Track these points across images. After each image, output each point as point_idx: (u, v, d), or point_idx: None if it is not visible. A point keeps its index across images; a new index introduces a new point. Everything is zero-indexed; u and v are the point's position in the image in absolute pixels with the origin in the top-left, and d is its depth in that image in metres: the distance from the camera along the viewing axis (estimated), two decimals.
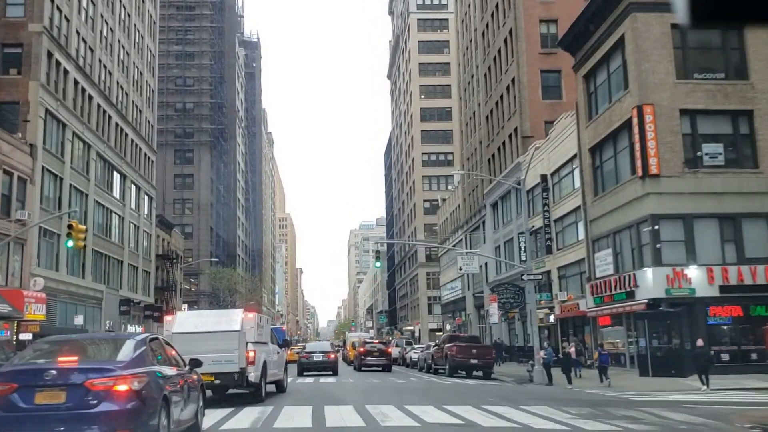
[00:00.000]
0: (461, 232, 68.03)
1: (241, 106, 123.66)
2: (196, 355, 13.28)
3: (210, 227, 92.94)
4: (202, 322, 19.55)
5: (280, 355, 24.53)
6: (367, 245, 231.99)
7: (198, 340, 17.77)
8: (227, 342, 18.19)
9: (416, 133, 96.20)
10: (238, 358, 18.07)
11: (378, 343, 44.93)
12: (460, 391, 23.33)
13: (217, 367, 17.41)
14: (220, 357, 17.65)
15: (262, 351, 19.95)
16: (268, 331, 22.92)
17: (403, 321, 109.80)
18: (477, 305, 62.61)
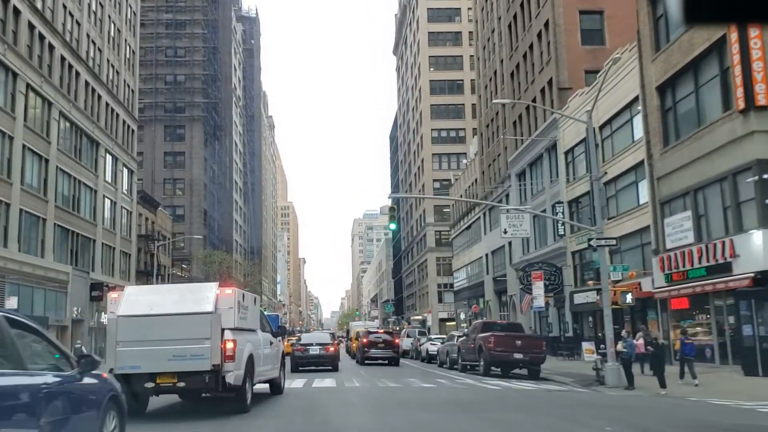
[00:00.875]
0: (478, 210, 60.41)
1: (239, 84, 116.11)
2: (152, 346, 11.40)
3: (203, 209, 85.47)
4: (161, 301, 13.64)
5: (275, 346, 18.65)
6: (371, 234, 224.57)
7: (153, 325, 12.72)
8: (194, 328, 12.76)
9: (425, 108, 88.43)
10: (210, 351, 12.58)
11: (383, 333, 38.08)
12: (530, 406, 15.44)
13: (181, 364, 12.39)
14: (184, 350, 12.47)
15: (246, 341, 14.44)
16: (256, 313, 17.02)
17: (410, 310, 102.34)
18: (498, 290, 55.06)
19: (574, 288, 37.85)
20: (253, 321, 15.98)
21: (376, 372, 28.55)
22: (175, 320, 12.68)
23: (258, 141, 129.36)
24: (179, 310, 12.88)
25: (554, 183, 41.21)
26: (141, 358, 12.20)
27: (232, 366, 12.81)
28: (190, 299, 13.44)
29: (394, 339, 37.17)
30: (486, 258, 58.15)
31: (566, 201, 38.45)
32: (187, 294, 13.99)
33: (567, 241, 38.58)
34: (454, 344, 30.66)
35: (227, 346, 12.77)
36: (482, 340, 25.02)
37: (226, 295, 13.65)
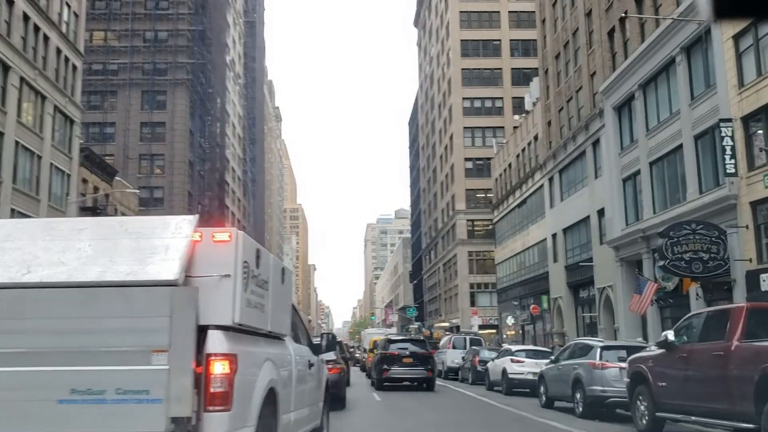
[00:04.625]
0: (540, 176, 43.88)
1: (238, 60, 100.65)
2: (17, 366, 5.07)
3: (187, 192, 69.38)
4: (55, 254, 5.42)
5: (316, 373, 9.13)
6: (385, 239, 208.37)
7: (26, 312, 5.11)
8: (131, 324, 5.05)
9: (455, 74, 72.14)
10: (167, 381, 4.91)
11: (411, 342, 24.94)
12: None
13: (88, 415, 4.92)
14: (99, 378, 4.99)
15: (261, 361, 6.17)
16: (285, 301, 7.40)
17: (433, 316, 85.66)
18: (576, 283, 38.43)
19: (757, 264, 21.33)
20: (280, 316, 7.01)
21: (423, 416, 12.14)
22: (81, 302, 5.07)
23: (260, 128, 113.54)
24: (94, 278, 5.19)
25: (701, 99, 24.72)
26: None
27: (223, 422, 5.09)
28: (124, 252, 5.41)
29: (428, 350, 24.34)
30: (553, 240, 41.56)
31: (740, 117, 21.95)
32: (122, 240, 5.57)
33: (740, 185, 22.05)
34: (593, 367, 14.23)
35: (215, 371, 5.15)
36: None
37: (217, 244, 5.47)
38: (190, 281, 5.25)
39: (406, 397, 19.92)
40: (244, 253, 5.52)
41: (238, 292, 5.36)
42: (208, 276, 5.29)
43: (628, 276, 31.21)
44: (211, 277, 5.28)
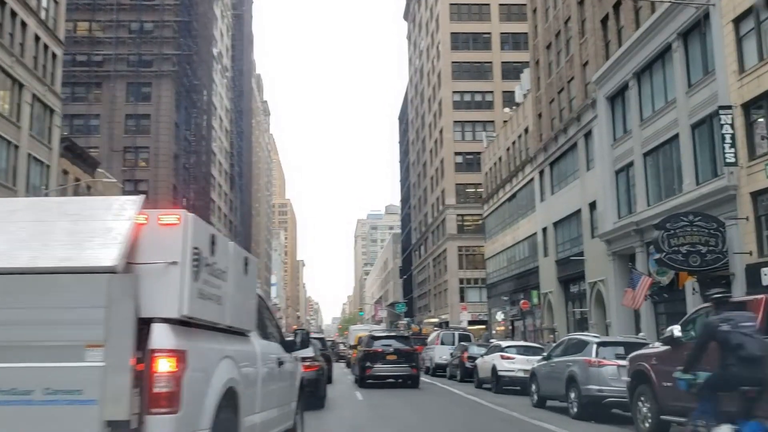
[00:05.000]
0: (531, 169, 42.97)
1: (226, 53, 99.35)
2: None
3: (172, 185, 68.16)
4: None
5: (288, 372, 8.32)
6: (375, 235, 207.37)
7: None
8: (61, 314, 4.53)
9: (445, 67, 71.15)
10: (102, 379, 4.41)
11: (395, 338, 24.46)
12: None
13: (25, 414, 4.37)
14: (24, 376, 4.44)
15: (216, 358, 5.47)
16: (249, 292, 6.68)
17: (422, 312, 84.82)
18: (566, 277, 37.59)
19: (758, 257, 20.48)
20: (242, 310, 6.35)
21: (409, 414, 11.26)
22: (7, 290, 4.58)
23: (248, 121, 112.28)
24: (24, 264, 4.68)
25: (698, 86, 23.86)
26: None
27: (169, 425, 4.56)
28: (60, 236, 4.90)
29: (413, 347, 23.69)
30: (543, 234, 40.69)
31: (739, 104, 21.08)
32: (59, 222, 5.02)
33: (740, 175, 21.18)
34: (589, 365, 13.31)
35: (159, 369, 4.60)
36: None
37: (164, 228, 4.87)
38: (132, 268, 4.71)
39: (390, 396, 18.98)
40: (194, 238, 4.91)
41: (187, 281, 4.77)
42: (153, 263, 4.74)
43: (620, 270, 30.39)
44: (156, 264, 4.73)
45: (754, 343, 6.74)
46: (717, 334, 6.95)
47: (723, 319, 7.04)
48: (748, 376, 6.71)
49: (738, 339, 6.75)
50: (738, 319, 6.95)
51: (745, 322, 6.95)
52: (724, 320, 6.99)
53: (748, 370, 6.67)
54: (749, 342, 6.72)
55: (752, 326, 6.94)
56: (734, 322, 6.90)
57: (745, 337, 6.76)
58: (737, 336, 6.76)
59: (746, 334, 6.80)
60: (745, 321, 6.97)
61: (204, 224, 5.31)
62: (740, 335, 6.78)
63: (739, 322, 6.90)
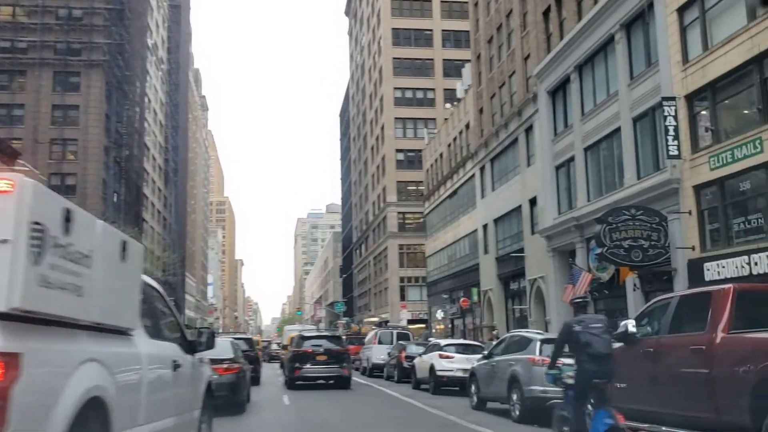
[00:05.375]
0: (471, 165, 42.28)
1: (162, 45, 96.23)
2: None
3: (102, 179, 65.23)
4: None
5: (188, 376, 7.18)
6: (316, 234, 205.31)
7: None
8: None
9: (386, 63, 70.21)
10: None
11: (326, 338, 23.69)
12: None
13: None
14: None
15: (84, 363, 4.42)
16: (133, 280, 5.69)
17: (362, 311, 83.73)
18: (507, 275, 37.00)
19: (700, 252, 20.02)
20: (118, 303, 5.17)
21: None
22: None
23: (184, 116, 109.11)
24: None
25: (641, 78, 23.37)
26: None
27: None
28: None
29: (344, 347, 22.94)
30: (484, 231, 40.05)
31: (683, 95, 20.60)
32: None
33: (683, 168, 20.71)
34: (520, 362, 12.42)
35: None
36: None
37: None
38: None
39: (320, 398, 17.77)
40: (35, 211, 3.83)
41: (22, 264, 3.72)
42: None
43: (560, 266, 29.87)
44: None
45: (600, 342, 7.57)
46: (571, 334, 7.77)
47: (577, 321, 7.88)
48: (597, 370, 7.54)
49: (587, 338, 7.58)
50: (588, 321, 7.79)
51: (595, 324, 7.77)
52: (578, 322, 7.84)
53: (596, 366, 7.52)
54: (596, 341, 7.56)
55: (600, 327, 7.73)
56: (585, 324, 7.74)
57: (594, 337, 7.58)
58: (586, 336, 7.59)
59: (594, 334, 7.61)
60: (594, 323, 7.80)
61: (54, 195, 4.18)
62: (589, 335, 7.59)
63: (590, 324, 7.74)
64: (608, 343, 7.70)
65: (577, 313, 8.22)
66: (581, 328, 7.74)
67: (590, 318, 7.98)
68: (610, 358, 7.64)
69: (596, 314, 8.39)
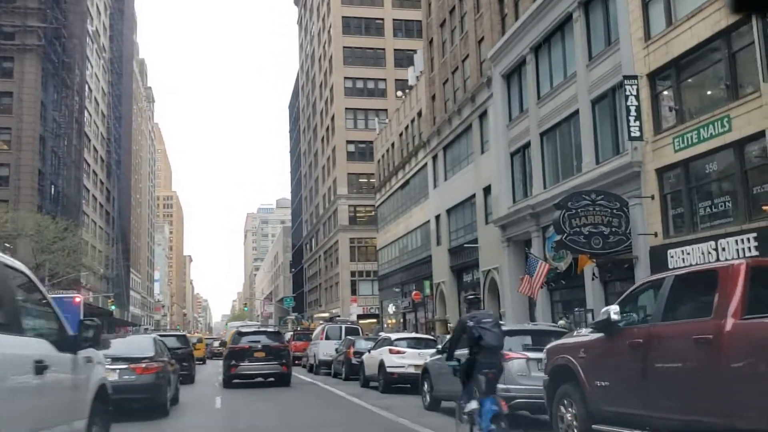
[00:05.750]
0: (423, 155, 40.95)
1: (104, 33, 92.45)
2: None
3: (38, 170, 61.94)
4: None
5: (55, 379, 5.44)
6: (266, 229, 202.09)
7: None
8: None
9: (336, 51, 68.43)
10: None
11: (264, 334, 22.61)
12: None
13: None
14: None
15: None
16: None
17: (313, 307, 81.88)
18: (460, 266, 35.78)
19: (663, 238, 18.99)
20: None
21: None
22: None
23: (128, 107, 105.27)
24: None
25: (600, 58, 22.26)
26: None
27: None
28: None
29: (283, 343, 21.75)
30: (436, 222, 38.73)
31: (645, 73, 19.51)
32: None
33: (645, 151, 19.63)
34: None
35: None
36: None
37: None
38: None
39: (256, 399, 16.15)
40: None
41: None
42: None
43: (515, 257, 28.75)
44: None
45: (491, 335, 8.05)
46: (465, 328, 8.22)
47: (470, 316, 8.33)
48: (488, 361, 8.02)
49: (478, 332, 8.02)
50: (480, 317, 8.24)
51: (486, 319, 8.24)
52: (471, 317, 8.27)
53: (487, 357, 8.01)
54: (487, 334, 8.02)
55: (491, 321, 8.22)
56: (477, 319, 8.16)
57: (485, 330, 8.04)
58: (478, 329, 8.04)
59: (485, 328, 8.07)
60: (485, 318, 8.27)
61: None
62: (481, 329, 8.04)
63: (481, 319, 8.17)
64: (498, 336, 8.17)
65: (470, 309, 8.71)
66: (473, 323, 8.15)
67: (481, 313, 8.47)
68: (499, 351, 8.22)
69: (487, 310, 9.19)
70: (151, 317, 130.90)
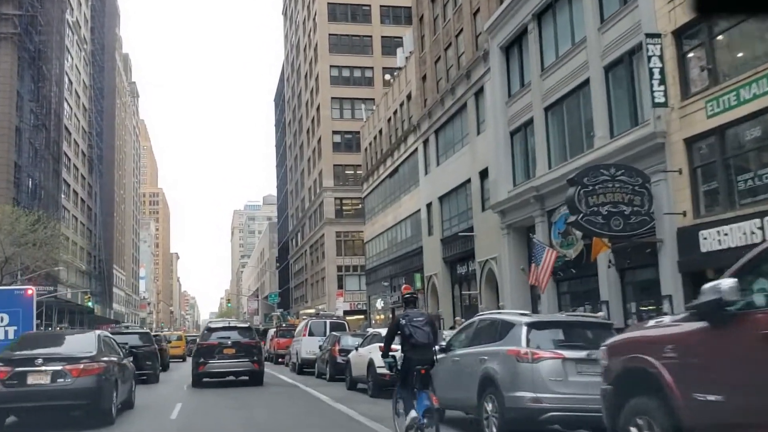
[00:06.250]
0: (414, 139, 38.27)
1: (85, 24, 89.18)
2: None
3: (14, 162, 58.81)
4: None
5: None
6: (253, 226, 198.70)
7: None
8: None
9: (322, 39, 65.58)
10: None
11: (235, 329, 20.33)
12: None
13: None
14: None
15: None
16: None
17: (299, 303, 79.04)
18: (453, 257, 33.12)
19: (693, 218, 16.43)
20: None
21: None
22: None
23: (111, 101, 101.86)
24: None
25: (614, 19, 19.68)
26: None
27: None
28: None
29: (255, 339, 20.13)
30: (428, 210, 36.06)
31: (670, 31, 16.93)
32: None
33: (670, 119, 17.04)
34: None
35: None
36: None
37: None
38: None
39: (221, 406, 13.55)
40: None
41: None
42: None
43: (516, 245, 26.16)
44: None
45: (421, 333, 8.40)
46: (399, 326, 8.56)
47: (403, 315, 8.69)
48: (420, 358, 8.37)
49: (410, 330, 8.40)
50: (412, 315, 8.60)
51: (417, 318, 8.57)
52: (404, 316, 8.63)
53: (418, 354, 8.36)
54: (418, 332, 8.39)
55: (422, 320, 8.53)
56: (410, 318, 8.54)
57: (416, 329, 8.40)
58: (410, 328, 8.41)
59: (416, 326, 8.41)
60: (417, 317, 8.60)
61: None
62: (412, 327, 8.41)
63: (413, 318, 8.54)
64: (428, 334, 8.39)
65: (407, 308, 8.82)
66: (406, 322, 8.38)
67: (414, 312, 8.67)
68: (429, 348, 8.44)
69: (419, 309, 9.43)
70: (136, 315, 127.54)
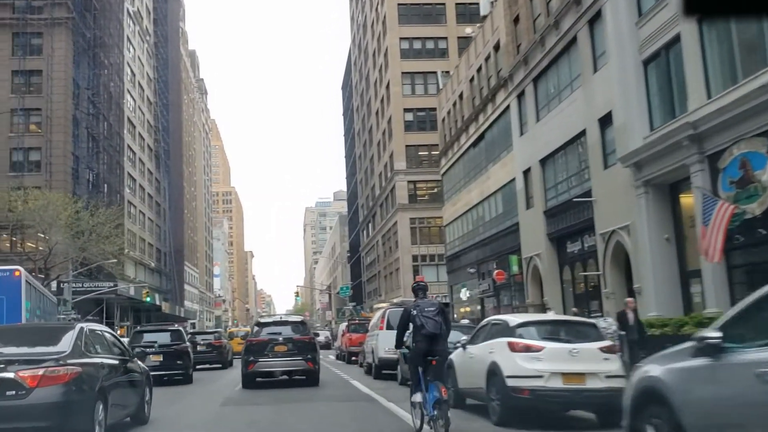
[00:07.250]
0: (504, 95, 31.71)
1: (148, 15, 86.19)
2: None
3: (72, 154, 55.25)
4: None
5: None
6: (324, 222, 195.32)
7: None
8: None
9: (390, 10, 59.57)
10: None
11: (289, 324, 17.75)
12: None
13: None
14: None
15: None
16: None
17: (372, 297, 73.43)
18: (561, 233, 26.37)
19: None
20: None
21: None
22: None
23: (177, 96, 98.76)
24: None
25: None
26: None
27: None
28: None
29: (309, 335, 17.66)
30: (525, 178, 29.44)
31: None
32: None
33: None
34: None
35: None
36: None
37: None
38: None
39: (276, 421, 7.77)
40: None
41: None
42: None
43: (656, 207, 19.45)
44: None
45: (433, 323, 8.39)
46: (410, 317, 8.57)
47: (414, 305, 8.67)
48: (430, 348, 8.43)
49: (421, 321, 8.42)
50: (423, 306, 8.55)
51: (429, 308, 8.55)
52: (415, 306, 8.62)
53: (429, 345, 8.41)
54: (429, 323, 8.38)
55: (433, 311, 8.50)
56: (420, 308, 8.51)
57: (427, 319, 8.39)
58: (421, 318, 8.42)
59: (427, 317, 8.41)
60: (428, 307, 8.57)
61: None
62: (423, 318, 8.41)
63: (424, 308, 8.50)
64: (440, 324, 8.37)
65: (417, 298, 8.84)
66: (417, 312, 8.47)
67: (425, 302, 8.65)
68: (441, 338, 8.43)
69: (431, 299, 8.95)
70: (211, 313, 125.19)
